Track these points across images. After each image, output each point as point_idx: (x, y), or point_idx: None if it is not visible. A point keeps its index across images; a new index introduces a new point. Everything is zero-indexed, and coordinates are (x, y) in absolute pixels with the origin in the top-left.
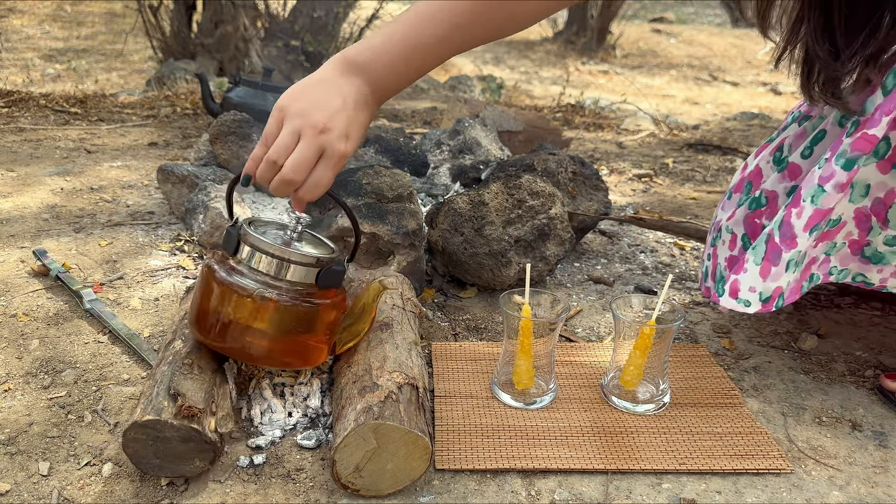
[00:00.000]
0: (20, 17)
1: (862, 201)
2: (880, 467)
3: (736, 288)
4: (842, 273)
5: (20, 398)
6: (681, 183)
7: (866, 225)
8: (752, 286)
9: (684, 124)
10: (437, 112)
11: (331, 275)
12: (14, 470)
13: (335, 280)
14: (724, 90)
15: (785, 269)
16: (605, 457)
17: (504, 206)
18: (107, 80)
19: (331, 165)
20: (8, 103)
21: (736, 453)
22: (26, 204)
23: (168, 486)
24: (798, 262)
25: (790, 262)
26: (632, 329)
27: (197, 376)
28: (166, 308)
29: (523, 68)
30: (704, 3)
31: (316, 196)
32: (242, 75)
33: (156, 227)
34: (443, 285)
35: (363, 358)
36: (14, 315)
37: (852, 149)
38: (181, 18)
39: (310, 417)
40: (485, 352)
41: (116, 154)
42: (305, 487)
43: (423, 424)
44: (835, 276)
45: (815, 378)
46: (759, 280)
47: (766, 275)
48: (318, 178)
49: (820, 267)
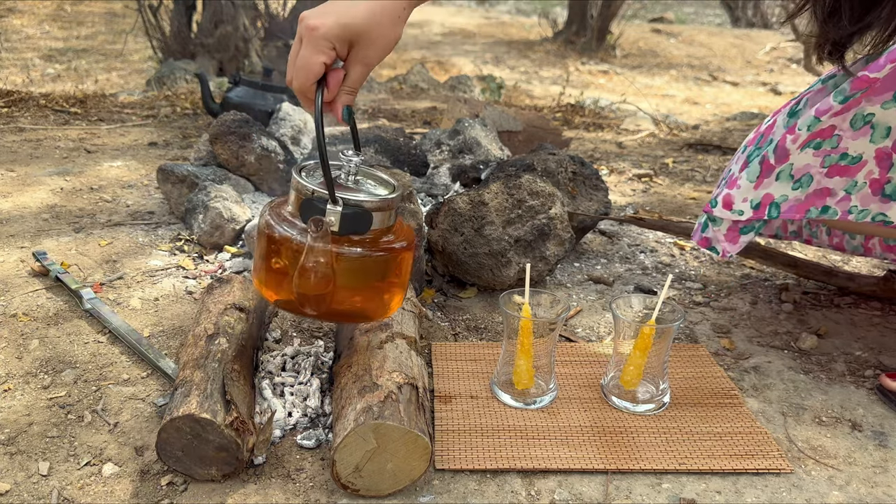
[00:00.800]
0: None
1: (883, 142)
2: (880, 467)
3: (729, 201)
4: (862, 213)
5: (20, 398)
6: (681, 183)
7: (887, 163)
8: (745, 197)
9: (684, 124)
10: (437, 112)
11: (349, 220)
12: (14, 470)
13: (356, 225)
14: (724, 90)
15: (776, 178)
16: (605, 457)
17: (504, 206)
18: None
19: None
20: (8, 103)
21: (736, 453)
22: (26, 204)
23: (168, 486)
24: (792, 175)
25: (781, 172)
26: (632, 329)
27: (241, 387)
28: (166, 308)
29: (523, 68)
30: (704, 3)
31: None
32: (242, 75)
33: (156, 227)
34: (443, 285)
35: (363, 358)
36: (14, 315)
37: (851, 88)
38: (181, 18)
39: (310, 417)
40: (485, 352)
41: (116, 154)
42: (305, 487)
43: (423, 424)
44: (854, 215)
45: (815, 378)
46: (752, 191)
47: (759, 186)
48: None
49: (839, 203)
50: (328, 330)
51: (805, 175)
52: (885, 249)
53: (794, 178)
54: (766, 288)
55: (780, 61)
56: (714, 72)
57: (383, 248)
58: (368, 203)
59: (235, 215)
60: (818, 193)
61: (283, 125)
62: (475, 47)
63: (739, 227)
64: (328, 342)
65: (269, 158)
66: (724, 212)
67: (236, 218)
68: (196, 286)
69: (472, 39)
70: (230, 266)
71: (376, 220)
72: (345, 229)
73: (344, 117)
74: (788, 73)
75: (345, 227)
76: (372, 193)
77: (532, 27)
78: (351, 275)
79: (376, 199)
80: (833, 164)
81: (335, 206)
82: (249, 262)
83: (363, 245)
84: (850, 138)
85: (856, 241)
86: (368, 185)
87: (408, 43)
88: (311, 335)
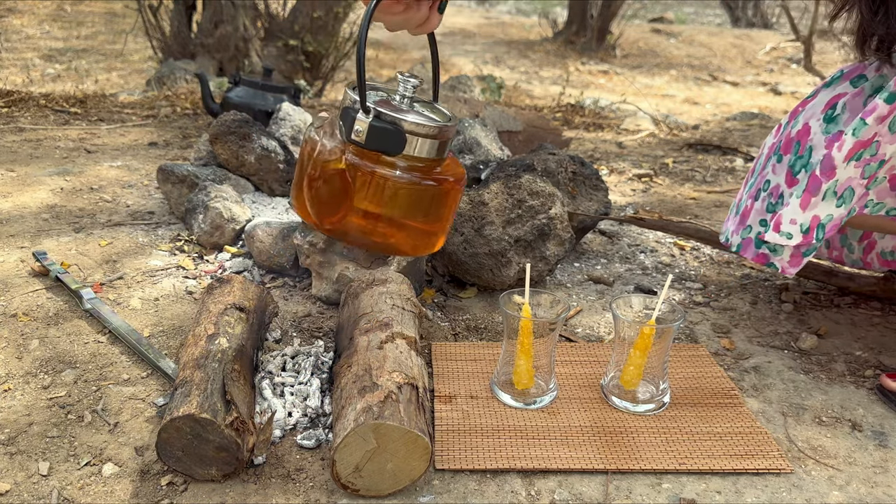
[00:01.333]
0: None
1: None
2: (880, 467)
3: (779, 222)
4: (877, 206)
5: (20, 398)
6: (681, 183)
7: None
8: (792, 219)
9: (684, 124)
10: None
11: (377, 134)
12: (14, 470)
13: (385, 143)
14: (724, 90)
15: (822, 197)
16: (605, 457)
17: (504, 206)
18: (107, 80)
19: None
20: (8, 103)
21: (736, 453)
22: (26, 204)
23: (168, 486)
24: (836, 192)
25: (827, 190)
26: (632, 329)
27: (241, 387)
28: (166, 308)
29: (523, 68)
30: (704, 3)
31: None
32: (242, 75)
33: (156, 227)
34: (443, 285)
35: (363, 358)
36: (14, 315)
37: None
38: (181, 18)
39: (310, 417)
40: (485, 352)
41: (116, 154)
42: (305, 487)
43: (422, 424)
44: (870, 208)
45: (815, 378)
46: (800, 212)
47: (806, 205)
48: None
49: (859, 201)
50: (328, 330)
51: (847, 189)
52: (882, 264)
53: (838, 194)
54: (766, 288)
55: (780, 61)
56: (714, 72)
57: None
58: (405, 123)
59: (235, 215)
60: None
61: (283, 125)
62: (475, 47)
63: (802, 250)
64: (328, 342)
65: (269, 158)
66: (773, 235)
67: (236, 218)
68: (196, 286)
69: (472, 39)
70: (230, 266)
71: (423, 148)
72: (372, 143)
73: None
74: (788, 73)
75: (372, 140)
76: (419, 117)
77: (532, 27)
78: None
79: (415, 123)
80: (872, 173)
81: (365, 117)
82: (249, 262)
83: (406, 171)
84: (888, 143)
85: (854, 255)
86: (423, 111)
87: (408, 43)
88: (311, 335)
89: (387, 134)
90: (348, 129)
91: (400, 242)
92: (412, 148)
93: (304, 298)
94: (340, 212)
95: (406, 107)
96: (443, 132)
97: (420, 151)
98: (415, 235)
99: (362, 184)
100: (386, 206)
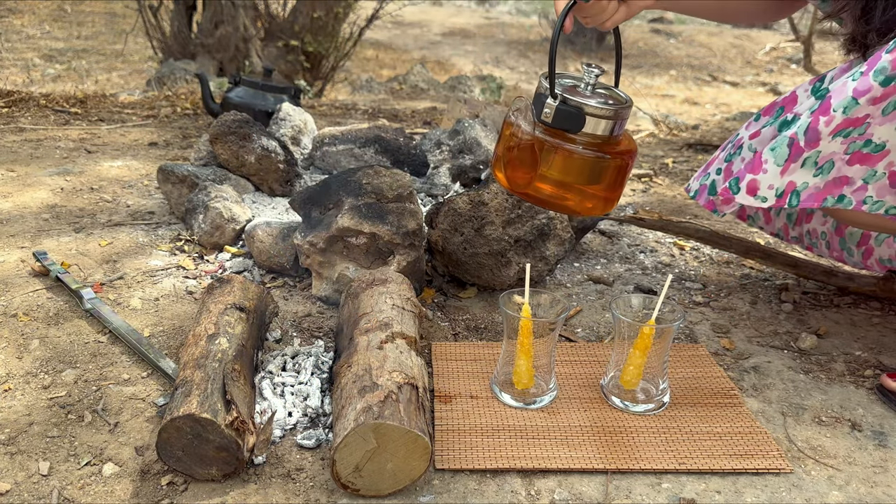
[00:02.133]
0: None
1: None
2: (880, 467)
3: (755, 186)
4: (876, 204)
5: (20, 398)
6: (680, 183)
7: None
8: (770, 184)
9: (684, 124)
10: (437, 112)
11: (561, 115)
12: (14, 470)
13: (568, 123)
14: (724, 90)
15: (801, 164)
16: (604, 457)
17: (504, 206)
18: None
19: None
20: (8, 103)
21: (735, 453)
22: (26, 204)
23: (168, 486)
24: (817, 163)
25: (808, 159)
26: (632, 329)
27: (241, 387)
28: (166, 308)
29: (523, 68)
30: None
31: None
32: (242, 75)
33: (156, 227)
34: (443, 285)
35: (363, 358)
36: (14, 315)
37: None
38: (181, 19)
39: (310, 417)
40: (485, 352)
41: (116, 154)
42: (305, 487)
43: (422, 424)
44: (868, 206)
45: (815, 378)
46: (778, 177)
47: (785, 171)
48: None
49: (855, 192)
50: (328, 330)
51: (827, 162)
52: (882, 268)
53: (818, 164)
54: (766, 288)
55: (779, 61)
56: (714, 72)
57: (606, 152)
58: (586, 107)
59: (235, 215)
60: (836, 182)
61: (284, 125)
62: (475, 47)
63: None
64: (328, 342)
65: (270, 158)
66: (747, 198)
67: (236, 218)
68: (196, 286)
69: (472, 39)
70: (230, 266)
71: (599, 126)
72: (557, 123)
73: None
74: (788, 73)
75: (558, 120)
76: (598, 101)
77: (532, 27)
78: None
79: (593, 106)
80: (856, 150)
81: (553, 101)
82: (249, 262)
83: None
84: (878, 124)
85: (854, 258)
86: (603, 96)
87: (408, 43)
88: (312, 335)
89: (570, 115)
90: (538, 110)
91: (576, 205)
92: (591, 127)
93: (304, 298)
94: (530, 179)
95: (589, 92)
96: (617, 114)
97: (597, 130)
98: (589, 199)
99: (547, 155)
100: (566, 175)
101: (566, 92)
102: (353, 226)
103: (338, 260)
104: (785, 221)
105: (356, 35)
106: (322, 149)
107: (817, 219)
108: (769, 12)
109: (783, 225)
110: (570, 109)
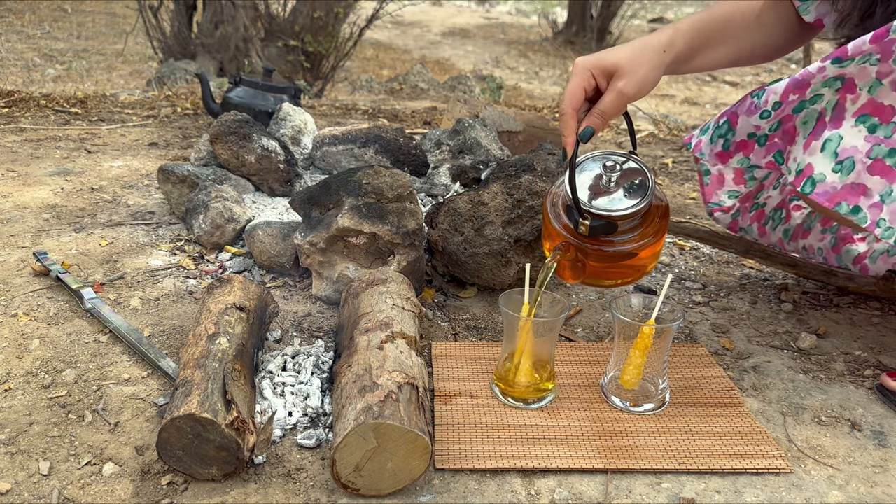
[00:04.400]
0: (20, 17)
1: None
2: (880, 467)
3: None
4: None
5: (20, 398)
6: (680, 183)
7: None
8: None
9: (684, 124)
10: (437, 112)
11: (597, 228)
12: (14, 469)
13: (604, 230)
14: (724, 90)
15: (821, 148)
16: (604, 456)
17: (504, 206)
18: (107, 80)
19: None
20: (8, 103)
21: (735, 453)
22: (27, 204)
23: (168, 486)
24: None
25: (827, 140)
26: (631, 329)
27: (242, 386)
28: (167, 308)
29: (523, 68)
30: (704, 3)
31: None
32: (242, 75)
33: (156, 227)
34: (443, 285)
35: (363, 358)
36: (14, 315)
37: None
38: (181, 19)
39: (310, 417)
40: (485, 352)
41: (117, 154)
42: (305, 487)
43: (423, 424)
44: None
45: (815, 378)
46: (801, 152)
47: (807, 148)
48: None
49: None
50: (328, 330)
51: (848, 159)
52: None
53: (838, 156)
54: (766, 288)
55: (779, 61)
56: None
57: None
58: (614, 215)
59: (236, 215)
60: (854, 188)
61: (284, 125)
62: (475, 47)
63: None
64: (328, 342)
65: (270, 158)
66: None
67: (236, 218)
68: (197, 286)
69: (472, 39)
70: (230, 266)
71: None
72: (594, 234)
73: (582, 137)
74: (788, 72)
75: (594, 232)
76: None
77: (532, 27)
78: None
79: (621, 214)
80: (878, 157)
81: (585, 220)
82: (250, 261)
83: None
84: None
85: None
86: (627, 183)
87: (408, 43)
88: (312, 335)
89: (605, 226)
90: (574, 224)
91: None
92: (624, 224)
93: (305, 298)
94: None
95: (613, 186)
96: (644, 209)
97: (633, 222)
98: (633, 272)
99: (592, 253)
100: (611, 263)
101: (593, 197)
102: (354, 226)
103: (338, 260)
104: (780, 236)
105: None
106: (322, 149)
107: (814, 235)
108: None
109: (778, 239)
110: (601, 223)
